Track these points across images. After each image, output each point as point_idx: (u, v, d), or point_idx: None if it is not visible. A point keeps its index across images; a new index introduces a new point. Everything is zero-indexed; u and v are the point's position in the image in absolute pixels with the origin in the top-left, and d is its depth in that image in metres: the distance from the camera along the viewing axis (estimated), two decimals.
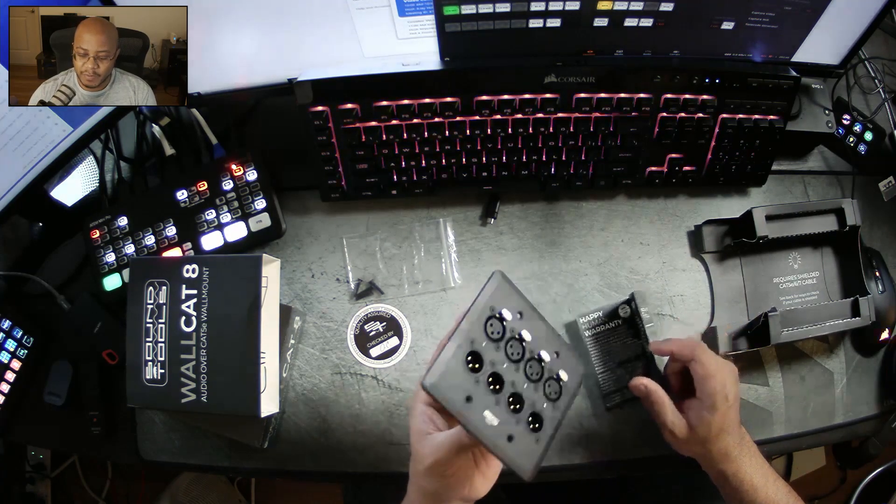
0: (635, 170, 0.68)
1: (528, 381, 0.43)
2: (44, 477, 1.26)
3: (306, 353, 0.68)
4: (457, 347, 0.40)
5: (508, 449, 0.41)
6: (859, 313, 0.64)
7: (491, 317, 0.42)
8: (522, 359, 0.43)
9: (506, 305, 0.43)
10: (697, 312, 0.68)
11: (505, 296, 0.43)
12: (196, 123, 0.73)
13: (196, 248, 0.68)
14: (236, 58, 0.61)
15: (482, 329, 0.42)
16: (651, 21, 0.57)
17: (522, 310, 0.44)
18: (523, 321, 0.43)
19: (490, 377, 0.41)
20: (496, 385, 0.41)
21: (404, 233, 0.70)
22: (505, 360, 0.42)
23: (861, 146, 0.74)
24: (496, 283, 0.43)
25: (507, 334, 0.42)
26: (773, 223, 0.64)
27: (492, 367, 0.41)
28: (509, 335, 0.43)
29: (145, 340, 0.59)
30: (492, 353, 0.41)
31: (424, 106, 0.62)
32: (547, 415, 0.43)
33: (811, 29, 0.59)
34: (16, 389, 0.70)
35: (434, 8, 0.55)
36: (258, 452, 0.66)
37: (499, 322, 0.42)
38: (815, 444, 0.69)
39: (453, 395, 0.39)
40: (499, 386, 0.42)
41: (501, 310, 0.42)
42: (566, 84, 0.62)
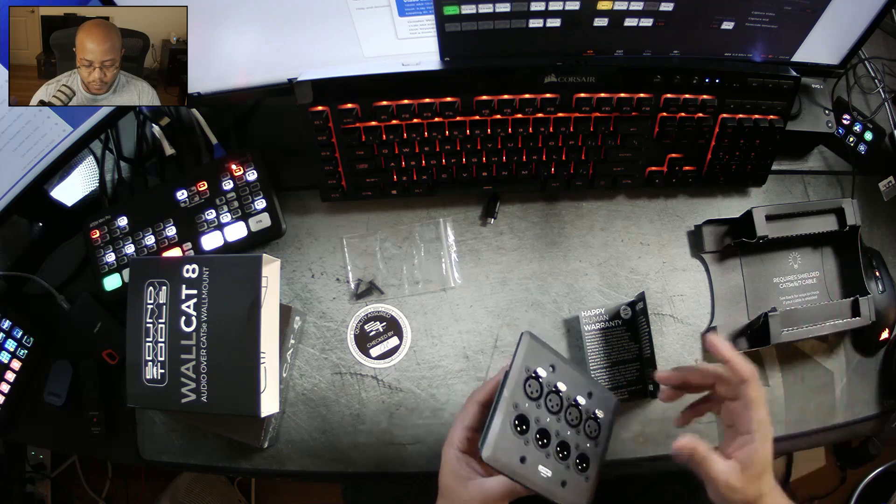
0: (635, 170, 0.68)
1: (570, 428, 0.47)
2: (44, 477, 1.26)
3: (306, 353, 0.68)
4: (504, 416, 0.45)
5: (565, 494, 0.46)
6: (859, 313, 0.64)
7: (528, 378, 0.46)
8: (562, 408, 0.47)
9: (539, 364, 0.47)
10: (697, 312, 0.68)
11: (536, 354, 0.47)
12: (196, 123, 0.73)
13: (196, 248, 0.68)
14: (236, 58, 0.61)
15: (522, 392, 0.46)
16: (651, 21, 0.57)
17: (553, 363, 0.47)
18: (556, 373, 0.47)
19: (537, 433, 0.46)
20: (544, 440, 0.46)
21: (404, 233, 0.70)
22: (547, 415, 0.46)
23: (861, 146, 0.74)
24: (527, 345, 0.47)
25: (545, 389, 0.47)
26: (773, 223, 0.64)
27: (537, 424, 0.46)
28: (547, 390, 0.47)
29: (145, 340, 0.59)
30: (535, 412, 0.46)
31: (424, 106, 0.62)
32: (591, 453, 0.47)
33: (811, 29, 0.59)
34: (16, 389, 0.70)
35: (434, 8, 0.55)
36: (258, 452, 0.66)
37: (536, 381, 0.46)
38: (815, 444, 0.69)
39: (509, 461, 0.44)
40: (546, 440, 0.46)
41: (536, 369, 0.46)
42: (566, 84, 0.62)
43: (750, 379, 0.46)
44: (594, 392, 0.49)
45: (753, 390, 0.46)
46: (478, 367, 0.67)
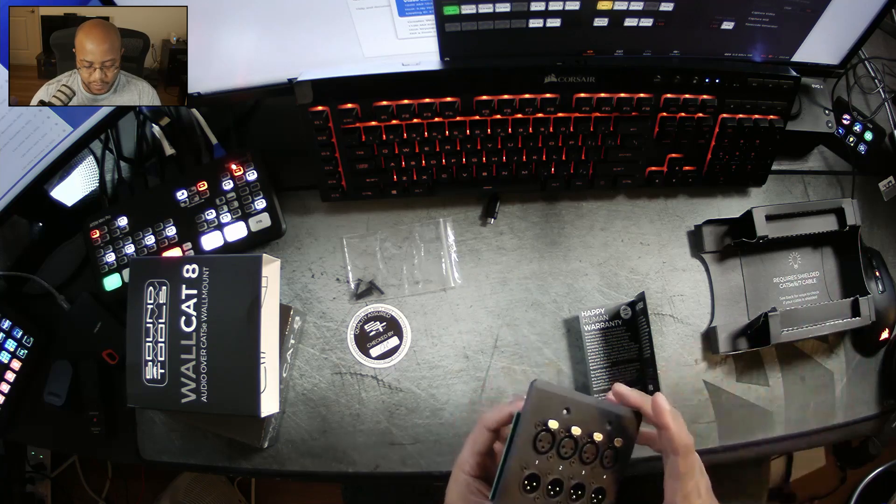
0: (635, 170, 0.68)
1: (585, 466, 0.46)
2: (44, 477, 1.26)
3: (306, 353, 0.68)
4: (512, 477, 0.44)
5: None
6: (859, 313, 0.64)
7: (538, 433, 0.45)
8: (576, 450, 0.45)
9: (550, 414, 0.45)
10: (697, 312, 0.68)
11: (546, 404, 0.45)
12: (196, 123, 0.73)
13: (196, 248, 0.68)
14: (236, 58, 0.61)
15: (532, 449, 0.45)
16: (651, 21, 0.57)
17: (568, 405, 0.45)
18: (570, 416, 0.45)
19: (549, 485, 0.45)
20: (556, 488, 0.45)
21: (404, 233, 0.70)
22: (559, 463, 0.45)
23: (861, 146, 0.74)
24: (535, 398, 0.45)
25: (558, 438, 0.45)
26: (773, 223, 0.64)
27: (548, 476, 0.45)
28: (560, 438, 0.45)
29: (145, 340, 0.59)
30: (546, 466, 0.45)
31: (424, 106, 0.62)
32: (607, 483, 0.46)
33: (811, 29, 0.59)
34: (16, 389, 0.70)
35: (434, 8, 0.55)
36: (258, 452, 0.66)
37: (547, 433, 0.45)
38: (815, 444, 0.69)
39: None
40: (559, 488, 0.45)
41: (547, 421, 0.45)
42: (566, 84, 0.62)
43: (682, 451, 0.43)
44: (613, 420, 0.46)
45: (682, 465, 0.43)
46: (478, 367, 0.67)
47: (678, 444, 0.43)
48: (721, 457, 0.66)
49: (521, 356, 0.67)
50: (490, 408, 0.51)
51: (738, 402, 0.67)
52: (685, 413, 0.66)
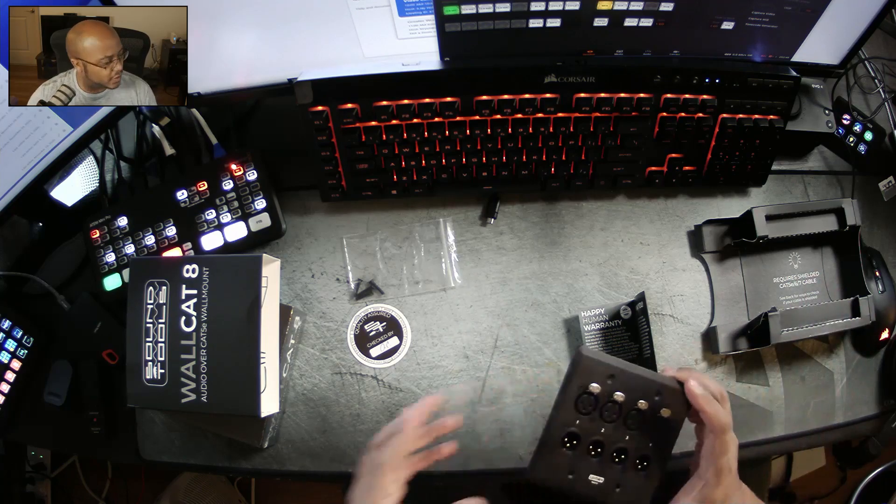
0: (635, 170, 0.68)
1: (629, 432, 0.47)
2: (44, 477, 1.26)
3: (306, 353, 0.68)
4: (550, 436, 0.47)
5: (619, 496, 0.47)
6: (859, 313, 0.64)
7: (581, 394, 0.47)
8: (620, 415, 0.47)
9: (594, 379, 0.47)
10: (697, 312, 0.68)
11: (591, 370, 0.47)
12: (196, 123, 0.73)
13: (196, 248, 0.68)
14: (236, 58, 0.61)
15: (573, 409, 0.47)
16: (651, 21, 0.57)
17: (613, 372, 0.47)
18: (615, 382, 0.47)
19: (590, 445, 0.47)
20: (597, 448, 0.47)
21: (404, 233, 0.70)
22: (602, 425, 0.47)
23: (861, 146, 0.74)
24: (580, 363, 0.47)
25: (601, 401, 0.47)
26: (773, 223, 0.64)
27: (590, 436, 0.47)
28: (603, 401, 0.47)
29: (145, 340, 0.59)
30: (587, 425, 0.47)
31: (424, 106, 0.62)
32: (653, 452, 0.48)
33: (811, 29, 0.59)
34: (16, 389, 0.70)
35: (434, 8, 0.55)
36: (258, 452, 0.66)
37: (589, 396, 0.47)
38: (815, 444, 0.69)
39: (555, 476, 0.47)
40: (600, 448, 0.47)
41: (589, 385, 0.47)
42: (566, 84, 0.62)
43: (720, 431, 0.45)
44: (663, 392, 0.47)
45: (719, 445, 0.45)
46: (478, 367, 0.67)
47: (715, 424, 0.45)
48: None
49: (521, 356, 0.67)
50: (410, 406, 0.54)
51: (738, 402, 0.67)
52: None
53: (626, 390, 0.47)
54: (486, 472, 0.65)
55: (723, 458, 0.46)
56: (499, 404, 0.66)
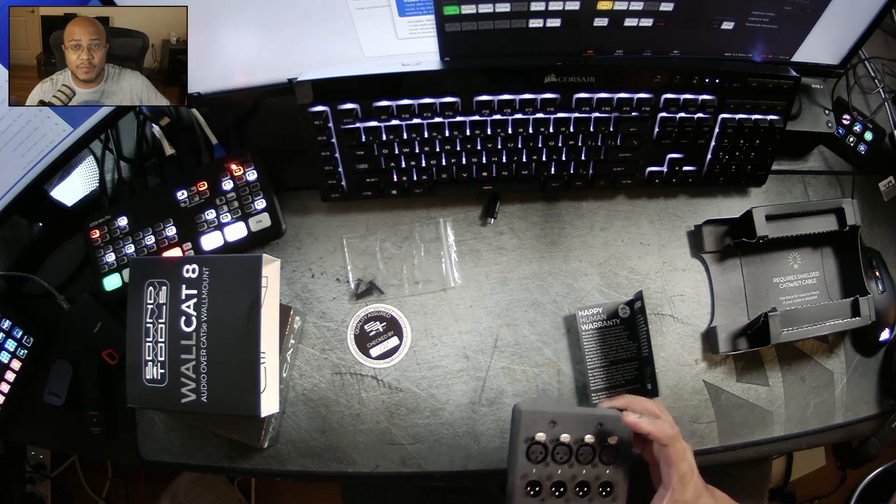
0: (635, 170, 0.68)
1: (585, 466, 0.50)
2: (44, 477, 1.26)
3: (306, 353, 0.68)
4: (513, 490, 0.49)
5: None
6: (859, 313, 0.64)
7: (529, 446, 0.49)
8: (572, 454, 0.50)
9: (537, 429, 0.49)
10: (697, 312, 0.68)
11: (532, 422, 0.50)
12: (196, 123, 0.73)
13: (196, 248, 0.68)
14: (236, 58, 0.61)
15: (526, 461, 0.49)
16: (651, 21, 0.57)
17: (553, 418, 0.50)
18: (558, 427, 0.50)
19: (552, 487, 0.49)
20: (561, 489, 0.50)
21: (404, 233, 0.70)
22: (558, 467, 0.49)
23: (861, 146, 0.74)
24: (519, 419, 0.50)
25: (550, 447, 0.49)
26: (773, 223, 0.64)
27: (549, 480, 0.49)
28: (552, 446, 0.49)
29: (145, 340, 0.59)
30: (544, 471, 0.49)
31: (424, 106, 0.62)
32: (613, 476, 0.50)
33: (811, 29, 0.59)
34: (16, 389, 0.70)
35: (434, 8, 0.55)
36: (258, 452, 0.66)
37: (537, 445, 0.49)
38: (815, 444, 0.69)
39: None
40: (563, 488, 0.50)
41: (535, 435, 0.49)
42: (566, 84, 0.62)
43: (669, 442, 0.49)
44: (604, 422, 0.50)
45: (672, 453, 0.49)
46: (478, 367, 0.67)
47: (663, 438, 0.49)
48: (721, 457, 0.66)
49: (521, 356, 0.67)
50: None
51: (738, 402, 0.67)
52: (685, 413, 0.66)
53: (570, 431, 0.50)
54: (486, 472, 0.65)
55: (682, 463, 0.49)
56: (499, 404, 0.66)
